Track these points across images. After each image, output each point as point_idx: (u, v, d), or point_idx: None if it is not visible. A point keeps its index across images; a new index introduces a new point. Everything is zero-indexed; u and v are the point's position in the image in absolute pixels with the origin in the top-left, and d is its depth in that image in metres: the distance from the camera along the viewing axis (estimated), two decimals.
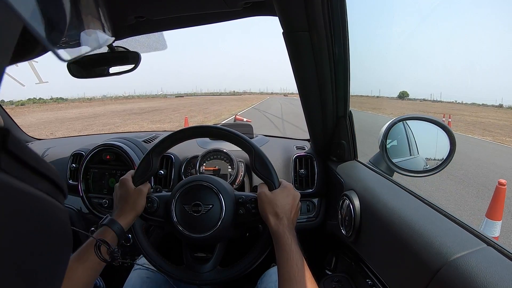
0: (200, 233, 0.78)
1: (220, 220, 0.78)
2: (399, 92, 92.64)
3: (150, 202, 0.83)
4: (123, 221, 0.76)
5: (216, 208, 0.79)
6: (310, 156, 1.23)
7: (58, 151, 1.55)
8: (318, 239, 1.26)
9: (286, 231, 0.70)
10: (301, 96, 0.99)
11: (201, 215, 0.79)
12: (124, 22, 0.90)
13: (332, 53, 0.84)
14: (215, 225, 0.78)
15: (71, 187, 1.36)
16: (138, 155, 1.21)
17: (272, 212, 0.73)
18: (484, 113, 27.72)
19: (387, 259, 0.68)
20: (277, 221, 0.72)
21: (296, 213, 0.77)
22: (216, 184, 0.82)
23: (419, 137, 1.05)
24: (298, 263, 0.66)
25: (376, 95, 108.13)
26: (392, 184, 0.84)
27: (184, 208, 0.80)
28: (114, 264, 0.72)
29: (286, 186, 0.78)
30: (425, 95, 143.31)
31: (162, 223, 0.84)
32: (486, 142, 9.33)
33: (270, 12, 0.86)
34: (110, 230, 0.74)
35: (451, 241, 0.52)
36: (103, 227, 0.75)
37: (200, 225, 0.79)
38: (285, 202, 0.74)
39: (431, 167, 0.96)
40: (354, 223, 0.82)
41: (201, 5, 0.84)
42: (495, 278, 0.42)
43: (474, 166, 5.60)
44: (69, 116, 20.49)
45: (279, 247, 0.69)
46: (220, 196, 0.80)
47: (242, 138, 0.81)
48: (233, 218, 0.81)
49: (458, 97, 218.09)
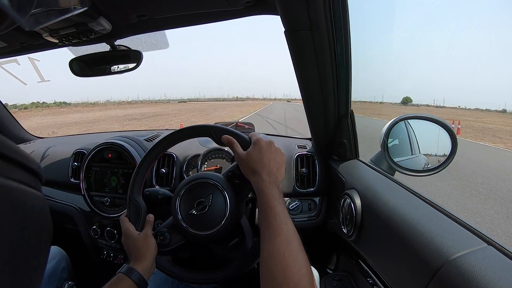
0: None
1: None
2: (402, 98, 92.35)
3: (161, 235, 0.81)
4: (140, 266, 0.73)
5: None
6: (312, 155, 1.23)
7: (60, 149, 1.55)
8: (320, 238, 1.26)
9: (267, 186, 0.67)
10: (302, 95, 0.99)
11: (206, 212, 0.78)
12: (126, 21, 0.90)
13: (333, 52, 0.84)
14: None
15: (73, 185, 1.36)
16: (140, 153, 1.21)
17: (249, 170, 0.71)
18: (489, 118, 27.41)
19: (388, 258, 0.68)
20: (255, 178, 0.69)
21: (279, 167, 0.73)
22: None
23: (421, 136, 1.04)
24: (282, 219, 0.62)
25: (379, 100, 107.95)
26: (393, 183, 0.84)
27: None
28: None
29: (257, 141, 0.74)
30: (428, 101, 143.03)
31: (183, 243, 0.83)
32: (500, 149, 9.04)
33: (272, 11, 0.86)
34: (127, 279, 0.70)
35: (452, 240, 0.52)
36: (119, 274, 0.71)
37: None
38: (260, 156, 0.71)
39: (432, 167, 0.96)
40: (355, 222, 0.82)
41: (203, 4, 0.84)
42: (496, 277, 0.42)
43: (495, 178, 5.27)
44: (68, 121, 20.37)
45: (261, 204, 0.66)
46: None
47: (196, 126, 0.82)
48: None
49: (461, 102, 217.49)
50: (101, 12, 0.83)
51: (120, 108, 50.39)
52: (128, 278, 0.70)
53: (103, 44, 1.04)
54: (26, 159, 0.25)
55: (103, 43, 1.03)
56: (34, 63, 1.27)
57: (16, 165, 0.23)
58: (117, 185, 1.23)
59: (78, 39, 0.90)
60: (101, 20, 0.85)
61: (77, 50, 1.09)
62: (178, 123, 16.28)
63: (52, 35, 0.89)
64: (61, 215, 1.39)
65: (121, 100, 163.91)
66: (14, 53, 1.17)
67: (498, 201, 4.07)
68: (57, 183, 1.44)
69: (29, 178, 0.25)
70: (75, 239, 1.38)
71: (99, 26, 0.86)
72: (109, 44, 1.03)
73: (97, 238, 1.32)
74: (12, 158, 0.23)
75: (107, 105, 76.04)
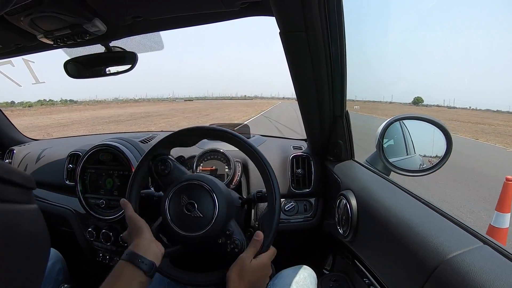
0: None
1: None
2: (413, 97, 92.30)
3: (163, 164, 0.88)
4: (141, 243, 0.70)
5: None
6: (307, 156, 1.23)
7: (55, 151, 1.54)
8: (316, 238, 1.27)
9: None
10: (298, 96, 0.99)
11: (194, 214, 0.79)
12: (121, 22, 0.90)
13: (329, 53, 0.84)
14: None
15: (68, 187, 1.35)
16: (135, 155, 1.21)
17: (242, 276, 0.73)
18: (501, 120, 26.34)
19: (384, 258, 0.68)
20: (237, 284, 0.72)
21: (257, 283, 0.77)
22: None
23: (416, 136, 1.05)
24: None
25: (389, 100, 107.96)
26: (389, 184, 0.84)
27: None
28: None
29: (266, 264, 0.77)
30: (438, 101, 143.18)
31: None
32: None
33: (267, 12, 0.86)
34: (130, 265, 0.64)
35: (448, 239, 0.53)
36: (120, 261, 0.66)
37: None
38: (255, 277, 0.74)
39: (427, 167, 0.97)
40: (351, 222, 0.82)
41: (198, 5, 0.84)
42: (492, 276, 0.42)
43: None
44: (46, 123, 18.29)
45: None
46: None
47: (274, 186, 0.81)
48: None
49: (471, 103, 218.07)
50: (96, 13, 0.83)
51: (116, 107, 48.43)
52: (131, 265, 0.64)
53: (98, 46, 1.04)
54: (18, 176, 0.24)
55: (98, 45, 1.03)
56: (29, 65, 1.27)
57: (7, 184, 0.23)
58: (112, 187, 1.23)
59: (73, 41, 0.90)
60: (96, 21, 0.84)
61: (72, 51, 1.09)
62: (164, 126, 15.26)
63: (46, 36, 0.89)
64: (56, 218, 1.38)
65: (128, 98, 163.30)
66: (9, 54, 1.17)
67: None
68: (52, 185, 1.43)
69: (21, 193, 0.25)
70: (70, 241, 1.37)
71: (94, 28, 0.86)
72: (104, 46, 1.03)
73: (92, 240, 1.31)
74: (4, 179, 0.22)
75: (101, 104, 74.23)
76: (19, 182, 0.24)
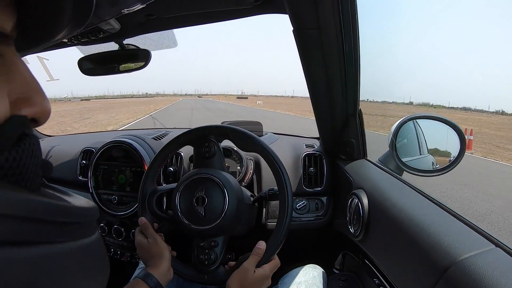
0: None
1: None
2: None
3: None
4: (156, 272, 0.75)
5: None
6: (320, 154, 1.22)
7: (66, 148, 1.57)
8: (326, 237, 1.26)
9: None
10: (310, 94, 0.98)
11: (204, 208, 0.80)
12: (134, 20, 0.91)
13: (342, 51, 0.83)
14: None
15: (81, 183, 1.37)
16: (148, 152, 1.22)
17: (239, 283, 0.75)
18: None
19: (394, 258, 0.68)
20: None
21: None
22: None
23: (429, 136, 1.04)
24: None
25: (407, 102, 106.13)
26: (401, 183, 0.83)
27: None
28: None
29: (266, 276, 0.78)
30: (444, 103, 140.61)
31: None
32: None
33: (280, 10, 0.86)
34: (144, 283, 0.71)
35: (460, 241, 0.52)
36: (136, 279, 0.73)
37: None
38: (256, 286, 0.76)
39: (440, 167, 0.96)
40: (362, 221, 0.82)
41: (211, 3, 0.84)
42: (503, 280, 0.42)
43: None
44: None
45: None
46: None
47: None
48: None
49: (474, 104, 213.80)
50: None
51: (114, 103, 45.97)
52: (144, 283, 0.71)
53: (111, 43, 1.05)
54: (79, 214, 0.24)
55: (112, 42, 1.04)
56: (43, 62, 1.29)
57: (69, 225, 0.23)
58: (125, 183, 1.24)
59: (87, 38, 0.91)
60: (109, 20, 0.85)
61: (85, 49, 1.10)
62: None
63: None
64: None
65: (142, 93, 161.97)
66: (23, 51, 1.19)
67: None
68: (65, 181, 1.46)
69: (80, 228, 0.25)
70: None
71: (108, 25, 0.87)
72: (118, 43, 1.04)
73: (104, 235, 1.33)
74: (65, 223, 0.22)
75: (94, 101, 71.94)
76: (81, 221, 0.24)
